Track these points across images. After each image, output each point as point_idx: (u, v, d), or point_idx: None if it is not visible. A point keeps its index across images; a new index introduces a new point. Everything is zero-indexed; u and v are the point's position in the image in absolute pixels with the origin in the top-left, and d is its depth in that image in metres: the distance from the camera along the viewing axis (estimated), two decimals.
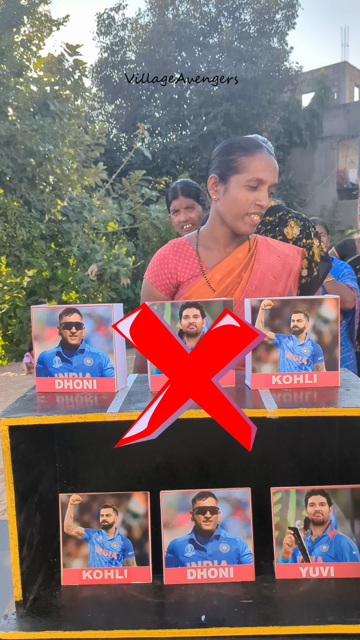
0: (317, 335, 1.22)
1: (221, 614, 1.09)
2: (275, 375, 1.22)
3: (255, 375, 1.22)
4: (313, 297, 1.23)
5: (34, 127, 9.45)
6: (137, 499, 1.23)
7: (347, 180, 21.99)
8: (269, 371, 1.22)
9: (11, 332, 10.79)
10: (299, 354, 1.22)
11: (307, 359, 1.22)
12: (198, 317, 1.22)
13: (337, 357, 1.22)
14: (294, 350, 1.22)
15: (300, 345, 1.22)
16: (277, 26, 21.36)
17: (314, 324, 1.22)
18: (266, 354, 1.22)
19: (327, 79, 22.95)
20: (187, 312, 1.22)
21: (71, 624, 1.07)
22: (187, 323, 1.22)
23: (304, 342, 1.22)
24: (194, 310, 1.22)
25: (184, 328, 1.22)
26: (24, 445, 1.17)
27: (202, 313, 1.22)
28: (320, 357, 1.22)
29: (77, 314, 1.23)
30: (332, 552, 1.21)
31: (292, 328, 1.21)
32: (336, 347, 1.22)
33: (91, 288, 10.86)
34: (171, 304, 1.22)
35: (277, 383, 1.22)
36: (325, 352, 1.22)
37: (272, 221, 2.06)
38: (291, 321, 1.21)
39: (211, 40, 21.29)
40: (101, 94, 21.70)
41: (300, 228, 2.03)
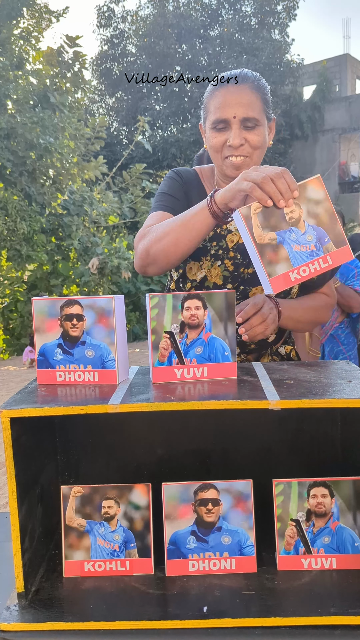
0: (314, 218, 1.21)
1: (223, 605, 1.09)
2: (291, 271, 1.21)
3: (274, 279, 1.21)
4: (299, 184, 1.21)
5: (34, 119, 9.42)
6: (138, 490, 1.23)
7: (349, 173, 21.94)
8: (284, 270, 1.21)
9: (12, 326, 10.80)
10: (305, 242, 1.21)
11: (314, 244, 1.21)
12: (200, 309, 1.21)
13: (342, 231, 1.21)
14: (299, 242, 1.21)
15: (303, 234, 1.21)
16: (278, 18, 21.27)
17: (308, 209, 1.21)
18: (274, 254, 1.21)
19: (328, 71, 22.86)
20: (188, 303, 1.21)
21: (73, 615, 1.08)
22: (188, 315, 1.21)
23: (306, 230, 1.21)
24: (196, 302, 1.21)
25: (186, 320, 1.21)
26: (26, 437, 1.16)
27: (203, 305, 1.21)
28: (326, 238, 1.21)
29: (78, 306, 1.22)
30: (334, 543, 1.20)
31: (288, 221, 1.20)
32: (337, 222, 1.21)
33: (92, 282, 10.86)
34: (173, 295, 1.21)
35: (296, 278, 1.21)
36: (328, 232, 1.21)
37: None
38: (285, 215, 1.20)
39: (212, 32, 21.20)
40: (101, 87, 21.65)
41: None
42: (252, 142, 1.48)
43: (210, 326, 1.21)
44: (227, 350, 1.22)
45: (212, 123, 1.50)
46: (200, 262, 1.60)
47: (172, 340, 1.21)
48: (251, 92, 1.48)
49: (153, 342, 1.21)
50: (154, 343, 1.21)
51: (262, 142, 1.51)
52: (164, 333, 1.21)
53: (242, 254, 1.56)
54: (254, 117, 1.47)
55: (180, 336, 1.21)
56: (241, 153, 1.48)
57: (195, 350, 1.22)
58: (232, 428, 1.46)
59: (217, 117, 1.48)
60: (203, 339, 1.21)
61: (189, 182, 1.65)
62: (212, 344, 1.22)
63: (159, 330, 1.21)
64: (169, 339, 1.21)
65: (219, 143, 1.49)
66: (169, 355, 1.22)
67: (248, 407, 1.06)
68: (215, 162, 1.56)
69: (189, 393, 1.14)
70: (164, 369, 1.22)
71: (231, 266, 1.57)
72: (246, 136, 1.47)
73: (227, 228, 1.57)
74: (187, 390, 1.16)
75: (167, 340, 1.21)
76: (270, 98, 1.56)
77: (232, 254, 1.57)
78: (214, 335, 1.22)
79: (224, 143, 1.49)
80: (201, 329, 1.21)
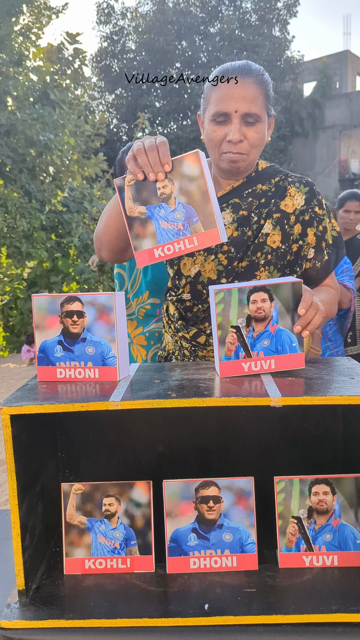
0: (186, 196, 1.20)
1: (224, 602, 1.09)
2: (156, 248, 1.22)
3: (138, 253, 1.22)
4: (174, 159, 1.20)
5: (34, 115, 9.39)
6: (139, 488, 1.23)
7: (349, 170, 21.91)
8: (150, 246, 1.22)
9: (12, 324, 10.79)
10: (173, 220, 1.20)
11: (182, 223, 1.21)
12: (266, 301, 1.19)
13: (212, 212, 1.20)
14: (167, 218, 1.21)
15: (172, 212, 1.20)
16: (278, 14, 21.22)
17: (180, 185, 1.20)
18: (142, 229, 1.22)
19: (329, 68, 22.83)
20: (255, 296, 1.19)
21: (74, 612, 1.07)
22: (255, 308, 1.19)
23: (175, 208, 1.20)
24: (262, 295, 1.19)
25: (252, 313, 1.19)
26: (26, 434, 1.16)
27: (270, 297, 1.19)
28: (195, 218, 1.21)
29: (78, 303, 1.22)
30: (335, 541, 1.20)
31: (159, 196, 1.20)
32: (208, 202, 1.20)
33: (92, 279, 10.84)
34: (238, 289, 1.19)
35: (159, 255, 1.22)
36: (199, 211, 1.20)
37: (267, 191, 1.57)
38: (157, 189, 1.20)
39: (212, 29, 21.16)
40: (101, 84, 21.60)
41: (305, 196, 1.57)
42: (252, 139, 1.46)
43: (277, 318, 1.20)
44: (294, 341, 1.21)
45: (212, 115, 1.46)
46: (193, 257, 1.57)
47: (239, 334, 1.20)
48: (254, 87, 1.44)
49: (220, 337, 1.20)
50: (220, 338, 1.20)
51: (261, 140, 1.48)
52: (230, 328, 1.20)
53: (236, 247, 1.53)
54: (255, 113, 1.44)
55: (247, 330, 1.20)
56: (239, 150, 1.46)
57: (262, 343, 1.21)
58: (233, 425, 1.46)
59: (217, 109, 1.44)
60: (270, 331, 1.20)
61: None
62: (279, 336, 1.21)
63: (225, 325, 1.20)
64: (235, 334, 1.20)
65: (218, 137, 1.46)
66: (235, 349, 1.21)
67: (249, 404, 1.06)
68: (212, 155, 1.52)
69: (190, 390, 1.13)
70: (232, 363, 1.21)
71: (225, 260, 1.55)
72: (246, 132, 1.45)
73: None
74: (188, 387, 1.16)
75: (234, 334, 1.20)
76: (273, 94, 1.53)
77: (225, 248, 1.54)
78: (280, 327, 1.20)
79: (223, 137, 1.46)
80: (268, 322, 1.20)
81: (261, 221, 1.54)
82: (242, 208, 1.54)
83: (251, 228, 1.54)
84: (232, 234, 1.54)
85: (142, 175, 1.17)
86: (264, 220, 1.54)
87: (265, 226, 1.54)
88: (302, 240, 1.56)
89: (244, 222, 1.54)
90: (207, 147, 1.54)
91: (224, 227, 1.21)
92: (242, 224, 1.54)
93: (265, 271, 1.55)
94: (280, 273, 1.56)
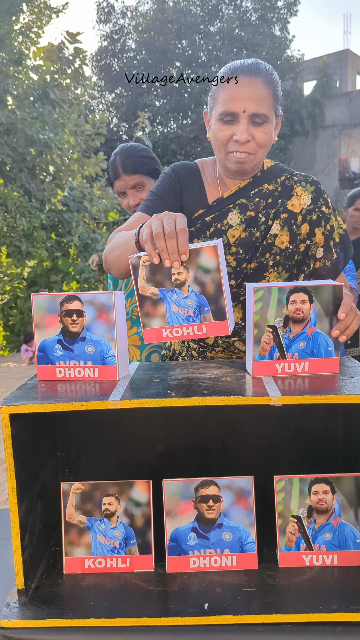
0: (200, 286, 1.19)
1: (224, 602, 1.09)
2: (165, 329, 1.21)
3: (146, 330, 1.21)
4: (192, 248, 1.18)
5: (33, 114, 9.38)
6: (139, 487, 1.23)
7: (349, 169, 21.91)
8: (158, 325, 1.21)
9: (12, 323, 10.79)
10: (184, 306, 1.20)
11: (192, 310, 1.20)
12: (306, 303, 1.18)
13: (224, 306, 1.19)
14: (179, 303, 1.20)
15: (185, 298, 1.19)
16: (278, 13, 21.20)
17: (195, 275, 1.19)
18: (153, 309, 1.20)
19: (329, 67, 22.81)
20: (294, 297, 1.17)
21: (73, 612, 1.07)
22: (294, 309, 1.18)
23: (188, 295, 1.20)
24: (302, 296, 1.18)
25: (291, 314, 1.18)
26: (25, 433, 1.16)
27: (310, 298, 1.18)
28: (207, 308, 1.20)
29: (78, 302, 1.22)
30: (335, 540, 1.20)
31: (173, 282, 1.19)
32: (222, 296, 1.19)
33: (92, 278, 10.84)
34: (279, 288, 1.18)
35: (167, 336, 1.21)
36: (211, 302, 1.19)
37: (274, 191, 1.55)
38: (172, 275, 1.19)
39: (212, 28, 21.13)
40: (101, 83, 21.58)
41: (312, 195, 1.55)
42: (259, 140, 1.44)
43: (315, 320, 1.19)
44: (330, 345, 1.20)
45: (219, 114, 1.44)
46: None
47: (275, 334, 1.19)
48: (263, 87, 1.42)
49: (255, 335, 1.19)
50: (255, 337, 1.19)
51: (269, 140, 1.46)
52: (266, 327, 1.19)
53: (244, 248, 1.53)
54: (263, 114, 1.41)
55: (284, 330, 1.19)
56: (247, 150, 1.44)
57: (298, 345, 1.20)
58: (233, 424, 1.45)
59: (225, 109, 1.42)
60: (307, 333, 1.19)
61: (187, 178, 1.60)
62: (315, 339, 1.20)
63: (262, 324, 1.19)
64: (271, 333, 1.19)
65: (225, 136, 1.44)
66: (270, 349, 1.20)
67: (249, 403, 1.05)
68: (218, 154, 1.51)
69: (190, 389, 1.13)
70: (265, 363, 1.20)
71: (233, 261, 1.53)
72: (253, 132, 1.43)
73: (227, 223, 1.53)
74: (188, 386, 1.16)
75: (270, 334, 1.19)
76: (280, 93, 1.50)
77: (233, 249, 1.52)
78: (318, 329, 1.19)
79: (230, 137, 1.44)
80: (305, 323, 1.19)
81: (269, 222, 1.53)
82: (249, 209, 1.53)
83: (259, 229, 1.52)
84: (240, 235, 1.53)
85: (158, 260, 1.16)
86: (272, 220, 1.53)
87: (274, 227, 1.52)
88: (309, 240, 1.55)
89: (251, 223, 1.53)
90: (213, 145, 1.52)
91: (233, 319, 1.20)
92: (249, 225, 1.53)
93: (274, 272, 1.53)
94: (289, 274, 1.54)
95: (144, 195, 2.07)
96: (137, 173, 2.08)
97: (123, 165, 2.08)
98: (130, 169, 2.07)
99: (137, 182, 2.09)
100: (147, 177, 2.10)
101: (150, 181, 2.10)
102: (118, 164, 2.10)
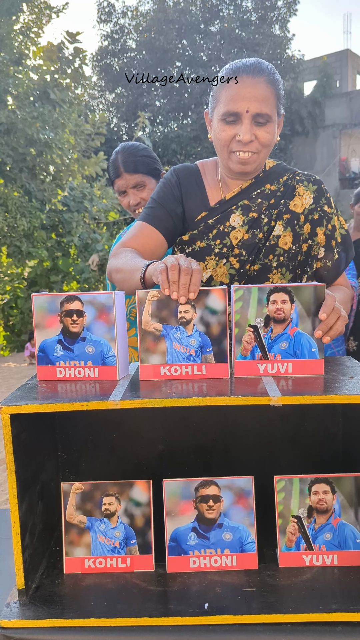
0: (205, 326, 1.19)
1: (224, 602, 1.09)
2: (163, 366, 1.20)
3: (144, 366, 1.20)
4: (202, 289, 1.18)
5: (34, 114, 9.39)
6: (139, 487, 1.23)
7: (349, 169, 21.90)
8: (157, 362, 1.20)
9: (12, 323, 10.79)
10: (187, 345, 1.20)
11: (194, 350, 1.20)
12: (286, 303, 1.18)
13: (226, 349, 1.20)
14: (181, 342, 1.20)
15: (188, 337, 1.19)
16: (278, 13, 21.19)
17: (202, 315, 1.19)
18: (154, 344, 1.20)
19: (329, 66, 22.80)
20: (275, 297, 1.17)
21: (74, 612, 1.07)
22: (274, 308, 1.18)
23: (192, 334, 1.20)
24: (283, 296, 1.18)
25: (271, 313, 1.18)
26: (26, 433, 1.16)
27: (290, 298, 1.18)
28: (209, 349, 1.20)
29: (78, 302, 1.22)
30: (335, 540, 1.20)
31: (179, 319, 1.19)
32: (225, 339, 1.19)
33: (92, 278, 10.83)
34: (258, 288, 1.18)
35: (165, 374, 1.20)
36: (214, 344, 1.19)
37: (276, 191, 1.55)
38: (178, 312, 1.19)
39: (212, 27, 21.13)
40: (101, 83, 21.57)
41: (313, 194, 1.55)
42: (262, 140, 1.44)
43: (297, 321, 1.18)
44: (313, 346, 1.19)
45: (222, 115, 1.43)
46: (205, 262, 1.55)
47: (256, 333, 1.19)
48: (266, 87, 1.42)
49: (236, 335, 1.19)
50: (237, 336, 1.19)
51: (272, 140, 1.47)
52: (247, 326, 1.19)
53: (247, 250, 1.52)
54: (266, 113, 1.42)
55: (265, 330, 1.19)
56: (250, 149, 1.44)
57: (280, 345, 1.19)
58: (233, 424, 1.45)
59: (228, 109, 1.41)
60: (289, 333, 1.19)
61: (187, 181, 1.60)
62: (298, 340, 1.19)
63: (243, 324, 1.19)
64: (252, 333, 1.19)
65: (227, 137, 1.44)
66: (252, 349, 1.20)
67: (249, 403, 1.05)
68: (221, 155, 1.50)
69: (190, 389, 1.13)
70: (247, 363, 1.20)
71: (237, 263, 1.53)
72: (256, 132, 1.43)
73: (230, 225, 1.52)
74: (188, 386, 1.16)
75: (251, 334, 1.19)
76: (283, 93, 1.50)
77: (237, 251, 1.52)
78: (300, 330, 1.19)
79: (232, 137, 1.44)
80: (287, 324, 1.18)
81: (272, 222, 1.52)
82: (251, 210, 1.52)
83: (262, 230, 1.52)
84: (242, 237, 1.52)
85: (168, 291, 1.16)
86: (275, 221, 1.52)
87: (276, 228, 1.52)
88: (311, 240, 1.54)
89: (254, 224, 1.52)
90: (215, 145, 1.51)
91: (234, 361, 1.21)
92: (252, 226, 1.52)
93: (278, 273, 1.53)
94: (292, 274, 1.54)
95: (145, 194, 2.08)
96: (138, 172, 2.07)
97: (124, 164, 2.08)
98: (132, 167, 2.07)
99: (138, 182, 2.08)
100: (148, 177, 2.09)
101: (151, 180, 2.10)
102: (119, 163, 2.09)
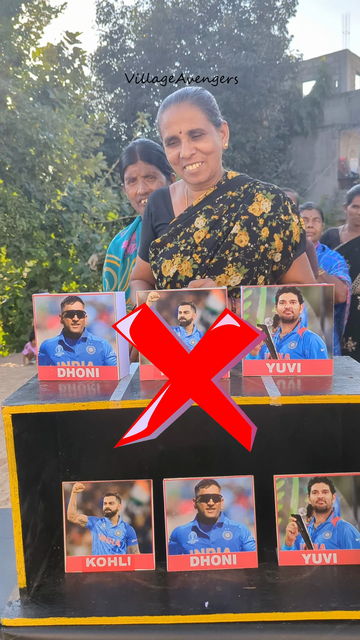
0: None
1: (224, 600, 1.09)
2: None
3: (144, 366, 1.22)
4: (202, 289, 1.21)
5: (33, 115, 9.38)
6: (140, 486, 1.23)
7: (348, 169, 21.90)
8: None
9: (12, 323, 10.79)
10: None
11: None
12: (295, 303, 1.19)
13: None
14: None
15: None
16: (277, 13, 21.15)
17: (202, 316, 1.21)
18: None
19: (328, 67, 22.78)
20: (283, 297, 1.19)
21: (75, 610, 1.08)
22: (283, 308, 1.19)
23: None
24: (291, 295, 1.19)
25: (280, 313, 1.19)
26: (27, 433, 1.17)
27: (299, 298, 1.19)
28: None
29: (79, 302, 1.22)
30: (335, 539, 1.21)
31: (179, 320, 1.21)
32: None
33: (92, 278, 10.83)
34: (267, 288, 1.19)
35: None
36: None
37: (237, 197, 1.69)
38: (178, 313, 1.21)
39: (211, 28, 21.11)
40: (100, 83, 21.54)
41: (272, 202, 1.66)
42: (203, 149, 1.61)
43: (306, 321, 1.19)
44: (322, 346, 1.20)
45: (165, 141, 1.66)
46: (172, 259, 1.69)
47: (265, 333, 1.19)
48: (191, 107, 1.61)
49: (280, 525, 1.20)
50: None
51: (213, 148, 1.63)
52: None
53: (208, 247, 1.66)
54: (198, 128, 1.60)
55: (274, 330, 1.19)
56: (194, 161, 1.62)
57: (289, 345, 1.20)
58: None
59: (167, 135, 1.63)
60: (297, 333, 1.19)
61: (156, 202, 1.83)
62: (307, 339, 1.20)
63: (252, 323, 1.19)
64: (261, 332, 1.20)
65: (174, 157, 1.65)
66: (261, 348, 1.20)
67: (249, 402, 1.06)
68: (178, 173, 1.70)
69: None
70: (256, 363, 1.21)
71: (199, 259, 1.66)
72: (196, 145, 1.61)
73: (194, 227, 1.67)
74: None
75: None
76: (215, 106, 1.67)
77: (199, 249, 1.67)
78: (309, 330, 1.19)
79: (178, 156, 1.63)
80: (296, 324, 1.19)
81: (230, 223, 1.66)
82: (214, 213, 1.68)
83: (221, 229, 1.66)
84: (205, 237, 1.67)
85: None
86: (233, 222, 1.66)
87: (234, 227, 1.65)
88: (268, 244, 1.65)
89: (215, 226, 1.67)
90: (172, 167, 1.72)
91: None
92: (213, 227, 1.67)
93: (233, 267, 1.64)
94: (248, 269, 1.63)
95: (154, 186, 2.15)
96: (152, 163, 2.15)
97: (142, 152, 2.15)
98: (148, 157, 2.14)
99: (150, 172, 2.14)
100: (160, 172, 2.17)
101: (162, 176, 2.18)
102: (137, 150, 2.15)
